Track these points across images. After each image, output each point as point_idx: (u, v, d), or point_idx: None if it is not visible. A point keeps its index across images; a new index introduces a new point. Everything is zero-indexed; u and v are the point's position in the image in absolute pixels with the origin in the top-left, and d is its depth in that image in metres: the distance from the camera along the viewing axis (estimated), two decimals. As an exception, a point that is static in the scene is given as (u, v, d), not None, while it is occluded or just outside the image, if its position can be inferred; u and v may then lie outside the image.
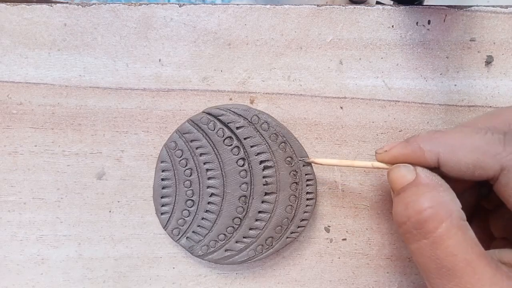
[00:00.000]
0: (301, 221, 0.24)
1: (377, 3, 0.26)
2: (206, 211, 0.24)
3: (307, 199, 0.24)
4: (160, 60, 0.25)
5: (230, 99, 0.25)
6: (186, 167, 0.24)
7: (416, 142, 0.20)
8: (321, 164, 0.24)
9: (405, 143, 0.21)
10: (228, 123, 0.24)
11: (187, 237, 0.25)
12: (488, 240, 0.22)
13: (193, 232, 0.25)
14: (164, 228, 0.25)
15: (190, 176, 0.24)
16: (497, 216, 0.22)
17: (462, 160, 0.19)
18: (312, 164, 0.24)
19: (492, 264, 0.17)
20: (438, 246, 0.18)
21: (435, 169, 0.20)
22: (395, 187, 0.20)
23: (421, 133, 0.21)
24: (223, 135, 0.24)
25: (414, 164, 0.20)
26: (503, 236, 0.22)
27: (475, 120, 0.22)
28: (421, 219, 0.18)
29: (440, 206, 0.18)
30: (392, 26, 0.25)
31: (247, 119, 0.24)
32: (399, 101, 0.25)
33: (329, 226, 0.26)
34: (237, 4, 0.25)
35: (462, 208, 0.19)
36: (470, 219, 0.19)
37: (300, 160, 0.24)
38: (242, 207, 0.24)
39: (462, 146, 0.19)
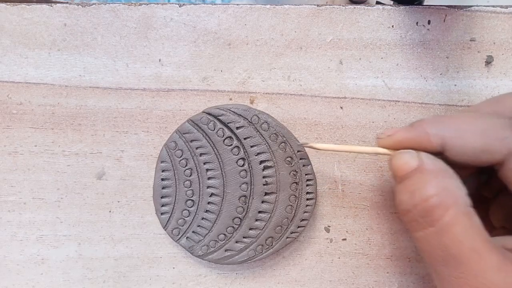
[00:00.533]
0: (301, 221, 0.24)
1: (377, 3, 0.26)
2: (206, 211, 0.24)
3: (307, 199, 0.24)
4: (160, 60, 0.25)
5: (230, 99, 0.25)
6: (186, 167, 0.24)
7: (422, 126, 0.20)
8: (319, 149, 0.23)
9: (409, 127, 0.20)
10: (228, 123, 0.24)
11: (187, 237, 0.25)
12: (487, 229, 0.22)
13: (193, 232, 0.25)
14: (164, 228, 0.25)
15: (190, 176, 0.24)
16: (497, 205, 0.22)
17: (469, 144, 0.18)
18: (312, 164, 0.24)
19: (498, 250, 0.17)
20: (445, 233, 0.17)
21: (439, 154, 0.19)
22: (398, 174, 0.20)
23: (426, 117, 0.20)
24: (223, 135, 0.24)
25: (417, 149, 0.20)
26: (502, 226, 0.22)
27: (477, 106, 0.21)
28: (428, 206, 0.18)
29: (446, 192, 0.18)
30: (392, 26, 0.25)
31: (247, 119, 0.24)
32: (399, 101, 0.25)
33: (329, 226, 0.26)
34: (237, 4, 0.25)
35: None
36: None
37: (298, 145, 0.24)
38: (242, 207, 0.24)
39: (469, 129, 0.19)
